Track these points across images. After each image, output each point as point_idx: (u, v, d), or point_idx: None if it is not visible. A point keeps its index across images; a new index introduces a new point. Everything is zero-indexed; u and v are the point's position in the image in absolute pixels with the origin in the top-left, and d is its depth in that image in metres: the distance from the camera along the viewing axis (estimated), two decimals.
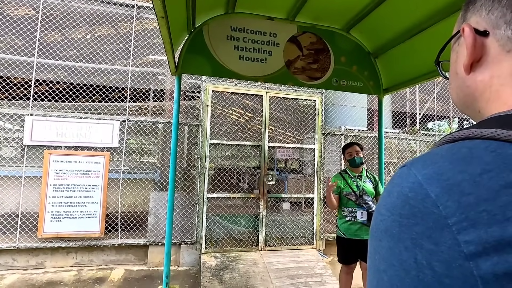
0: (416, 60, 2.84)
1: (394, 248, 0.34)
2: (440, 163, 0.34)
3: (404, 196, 0.34)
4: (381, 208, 0.37)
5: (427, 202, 0.32)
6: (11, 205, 3.93)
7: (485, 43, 0.41)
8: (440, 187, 0.32)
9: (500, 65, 0.39)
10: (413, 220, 0.33)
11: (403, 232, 0.33)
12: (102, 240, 3.98)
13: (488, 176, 0.31)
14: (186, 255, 4.21)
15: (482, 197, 0.30)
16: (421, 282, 0.31)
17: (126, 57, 4.50)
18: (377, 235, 0.37)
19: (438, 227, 0.31)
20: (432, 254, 0.31)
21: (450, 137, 0.39)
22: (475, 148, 0.34)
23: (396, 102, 6.72)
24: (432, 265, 0.30)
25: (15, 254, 3.80)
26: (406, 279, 0.32)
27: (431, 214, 0.31)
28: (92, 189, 3.96)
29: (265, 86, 4.61)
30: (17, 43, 4.83)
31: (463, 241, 0.29)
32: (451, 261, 0.30)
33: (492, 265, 0.28)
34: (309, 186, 4.97)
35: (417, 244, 0.32)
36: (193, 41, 2.85)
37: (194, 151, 4.50)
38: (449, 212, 0.31)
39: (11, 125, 6.46)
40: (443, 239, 0.30)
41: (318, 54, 3.17)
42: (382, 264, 0.35)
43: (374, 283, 0.36)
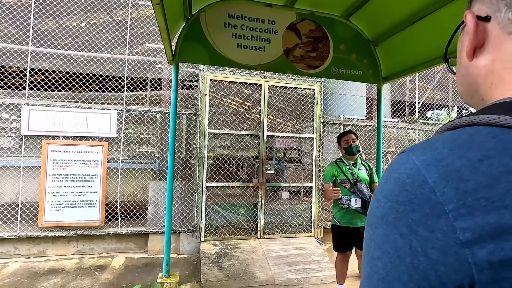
0: (416, 48, 2.81)
1: (390, 235, 0.33)
2: (439, 149, 0.34)
3: (402, 183, 0.34)
4: (378, 194, 0.37)
5: (424, 189, 0.32)
6: (11, 194, 3.95)
7: (487, 28, 0.41)
8: (438, 173, 0.32)
9: (502, 48, 0.39)
10: (410, 207, 0.32)
11: (399, 219, 0.33)
12: (102, 229, 4.02)
13: (488, 162, 0.30)
14: (186, 243, 4.27)
15: (481, 184, 0.30)
16: (416, 270, 0.31)
17: (123, 45, 4.43)
18: (373, 222, 0.36)
19: (435, 214, 0.31)
20: (428, 241, 0.31)
21: (451, 124, 0.38)
22: (476, 134, 0.33)
23: (396, 91, 6.69)
24: (427, 252, 0.30)
25: (16, 243, 3.85)
26: (401, 266, 0.32)
27: (428, 201, 0.31)
28: (91, 178, 3.97)
29: (263, 75, 4.57)
30: (11, 31, 4.73)
31: (460, 228, 0.29)
32: (446, 248, 0.30)
33: (488, 253, 0.28)
34: (308, 175, 5.00)
35: (413, 231, 0.31)
36: (190, 29, 2.80)
37: (192, 140, 4.50)
38: (447, 199, 0.30)
39: (7, 114, 6.40)
40: (439, 226, 0.30)
41: (317, 42, 3.13)
42: (377, 251, 0.35)
43: (368, 270, 0.36)
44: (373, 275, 0.35)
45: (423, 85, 7.27)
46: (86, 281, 3.31)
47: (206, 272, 3.47)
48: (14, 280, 3.27)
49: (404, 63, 3.05)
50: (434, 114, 9.85)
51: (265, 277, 3.42)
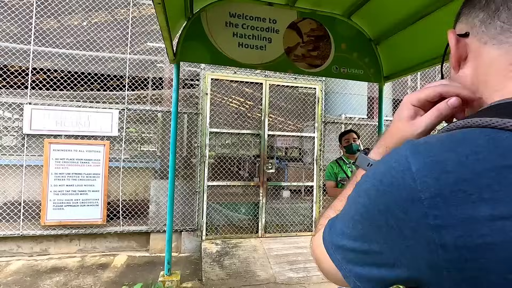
0: (418, 47, 2.80)
1: (369, 207, 0.39)
2: (432, 143, 0.37)
3: (389, 166, 0.38)
4: (369, 171, 0.42)
5: (406, 175, 0.35)
6: (14, 193, 3.97)
7: (467, 43, 0.47)
8: (423, 163, 0.35)
9: (480, 57, 0.45)
10: (389, 189, 0.36)
11: (379, 197, 0.37)
12: (104, 227, 4.04)
13: (475, 157, 0.33)
14: (187, 242, 4.29)
15: (462, 177, 0.32)
16: (390, 239, 0.36)
17: (124, 44, 4.44)
18: (358, 190, 0.42)
19: (410, 199, 0.34)
20: (402, 220, 0.35)
21: (448, 127, 0.42)
22: (470, 133, 0.36)
23: (397, 90, 6.67)
24: (401, 228, 0.35)
25: (19, 241, 3.87)
26: (378, 233, 0.38)
27: (407, 187, 0.35)
28: (93, 177, 3.99)
29: (265, 74, 4.57)
30: (13, 31, 4.75)
31: (432, 215, 0.33)
32: (417, 229, 0.34)
33: (455, 238, 0.32)
34: (309, 174, 5.00)
35: (389, 210, 0.36)
36: (191, 28, 2.80)
37: (194, 139, 4.51)
38: (424, 187, 0.33)
39: (10, 114, 6.43)
40: (412, 210, 0.34)
41: (318, 41, 3.12)
42: (357, 215, 0.41)
43: (347, 227, 0.43)
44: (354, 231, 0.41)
45: (425, 84, 7.24)
46: (88, 280, 3.33)
47: (207, 271, 3.48)
48: (17, 278, 3.29)
49: (406, 62, 3.04)
50: None
51: (266, 276, 3.43)
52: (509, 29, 0.42)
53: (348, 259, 0.43)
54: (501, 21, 0.42)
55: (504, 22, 0.42)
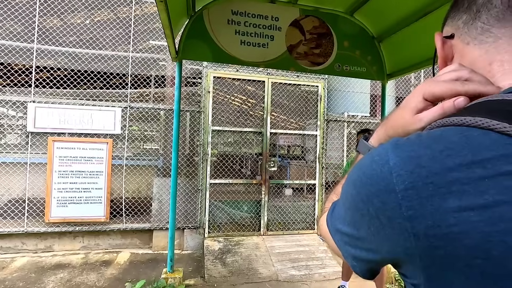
0: (422, 44, 2.78)
1: (355, 196, 0.43)
2: (413, 139, 0.39)
3: (372, 159, 0.41)
4: (358, 163, 0.45)
5: (384, 168, 0.38)
6: (18, 190, 4.01)
7: (452, 44, 0.50)
8: (400, 157, 0.37)
9: (464, 56, 0.48)
10: (370, 181, 0.40)
11: (362, 187, 0.41)
12: (107, 224, 4.07)
13: (447, 153, 0.35)
14: (190, 239, 4.31)
15: (433, 171, 0.35)
16: (372, 226, 0.40)
17: (126, 42, 4.45)
18: (348, 181, 0.46)
19: (387, 191, 0.37)
20: (379, 209, 0.38)
21: (430, 126, 0.44)
22: (446, 131, 0.39)
23: (400, 88, 6.63)
24: (379, 217, 0.39)
25: (24, 238, 3.92)
26: (363, 220, 0.41)
27: (384, 179, 0.38)
28: (96, 175, 4.01)
29: (267, 72, 4.56)
30: (16, 29, 4.77)
31: (405, 205, 0.35)
32: (392, 218, 0.37)
33: (425, 227, 0.34)
34: (311, 172, 4.99)
35: (370, 200, 0.39)
36: (193, 26, 2.80)
37: (196, 137, 4.52)
38: (399, 180, 0.36)
39: (14, 112, 6.49)
40: (388, 201, 0.37)
41: (321, 39, 3.11)
42: (346, 203, 0.46)
43: (343, 212, 0.47)
44: (346, 218, 0.46)
45: None
46: (92, 276, 3.37)
47: (209, 268, 3.50)
48: (22, 274, 3.33)
49: (409, 60, 3.02)
50: None
51: (268, 273, 3.44)
52: (488, 29, 0.44)
53: (344, 241, 0.47)
54: (482, 22, 0.45)
55: (484, 23, 0.45)
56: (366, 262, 0.45)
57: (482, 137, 0.35)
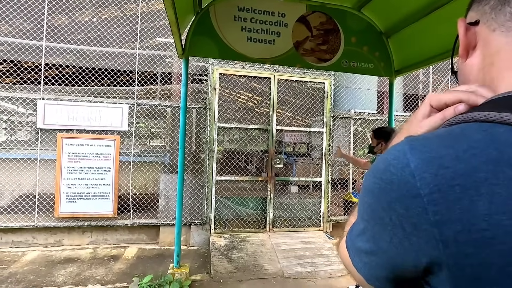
0: (431, 40, 2.73)
1: (374, 205, 0.40)
2: (431, 139, 0.37)
3: (388, 163, 0.38)
4: (370, 169, 0.43)
5: (405, 171, 0.35)
6: (28, 186, 4.09)
7: (477, 31, 0.46)
8: (421, 159, 0.35)
9: (489, 45, 0.45)
10: (390, 186, 0.37)
11: (381, 194, 0.38)
12: (115, 220, 4.13)
13: (472, 152, 0.33)
14: (196, 235, 4.34)
15: (459, 172, 0.32)
16: (395, 236, 0.37)
17: (133, 39, 4.47)
18: (363, 190, 0.43)
19: (410, 196, 0.35)
20: (403, 216, 0.35)
21: (447, 122, 0.42)
22: (467, 128, 0.36)
23: (408, 85, 6.54)
24: (403, 225, 0.36)
25: (34, 233, 4.00)
26: (385, 231, 0.38)
27: (407, 183, 0.35)
28: (104, 171, 4.07)
29: (273, 69, 4.54)
30: (26, 27, 4.84)
31: (432, 210, 0.33)
32: (418, 224, 0.34)
33: (454, 233, 0.32)
34: (317, 169, 4.98)
35: (392, 207, 0.36)
36: (199, 23, 2.80)
37: (202, 134, 4.53)
38: (424, 183, 0.34)
39: (24, 109, 6.60)
40: (413, 206, 0.34)
41: (327, 35, 3.08)
42: (366, 214, 0.42)
43: (361, 227, 0.44)
44: (366, 232, 0.43)
45: (438, 78, 7.07)
46: (100, 270, 3.43)
47: (216, 264, 3.53)
48: (32, 268, 3.41)
49: (418, 56, 2.97)
50: None
51: (274, 270, 3.45)
52: None
53: (365, 262, 0.43)
54: (511, 7, 0.42)
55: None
56: (392, 280, 0.41)
57: (509, 134, 0.33)
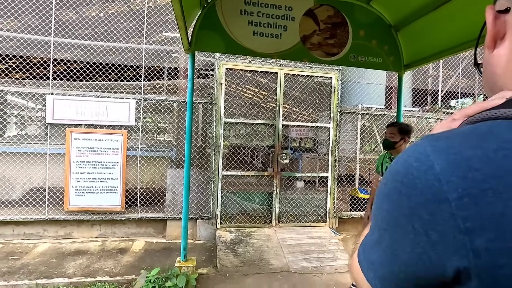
0: (441, 33, 2.67)
1: (393, 212, 0.36)
2: (455, 138, 0.34)
3: (409, 165, 0.35)
4: (388, 173, 0.39)
5: (429, 175, 0.32)
6: (39, 180, 4.17)
7: (507, 20, 0.43)
8: (447, 161, 0.32)
9: None
10: (413, 191, 0.34)
11: (402, 199, 0.35)
12: (123, 214, 4.19)
13: (504, 153, 0.30)
14: (202, 230, 4.39)
15: (490, 174, 0.30)
16: (418, 246, 0.33)
17: (140, 34, 4.48)
18: (380, 196, 0.39)
19: (436, 201, 0.31)
20: (428, 224, 0.32)
21: (472, 119, 0.39)
22: (496, 126, 0.33)
23: (417, 79, 6.42)
24: (428, 233, 0.32)
25: (45, 225, 4.09)
26: (405, 240, 0.35)
27: (431, 187, 0.32)
28: (112, 165, 4.12)
29: (280, 63, 4.51)
30: (34, 22, 4.88)
31: (461, 216, 0.30)
32: (446, 232, 0.31)
33: (487, 241, 0.29)
34: (324, 165, 4.95)
35: (415, 213, 0.33)
36: (206, 17, 2.78)
37: (208, 129, 4.54)
38: (451, 187, 0.31)
39: (33, 104, 6.70)
40: (440, 213, 0.31)
41: (335, 28, 3.03)
42: (383, 223, 0.39)
43: (376, 237, 0.40)
44: (382, 242, 0.39)
45: (448, 72, 6.93)
46: (109, 263, 3.49)
47: (222, 258, 3.56)
48: (44, 259, 3.49)
49: (428, 49, 2.91)
50: (458, 103, 9.43)
51: (279, 265, 3.47)
52: None
53: (380, 276, 0.39)
54: None
55: None
56: None
57: None
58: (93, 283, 3.06)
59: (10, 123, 7.31)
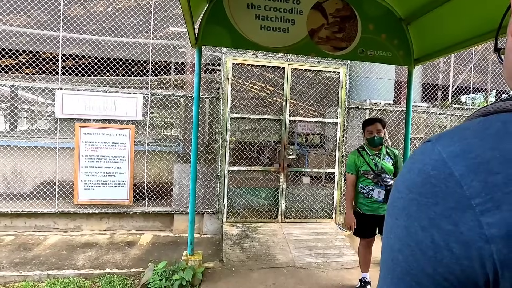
0: (454, 27, 2.59)
1: (410, 227, 0.33)
2: (469, 139, 0.32)
3: (425, 174, 0.33)
4: (400, 185, 0.36)
5: (450, 182, 0.30)
6: (49, 173, 4.25)
7: None
8: (466, 166, 0.30)
9: None
10: (433, 200, 0.31)
11: (421, 211, 0.32)
12: (131, 207, 4.25)
13: None
14: (209, 224, 4.42)
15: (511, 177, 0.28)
16: (440, 263, 0.30)
17: (147, 29, 4.48)
18: (393, 213, 0.35)
19: (460, 208, 0.29)
20: (450, 235, 0.29)
21: (484, 110, 0.36)
22: (510, 122, 0.31)
23: (428, 74, 6.29)
24: (450, 246, 0.29)
25: (55, 218, 4.18)
26: (423, 259, 0.31)
27: (453, 194, 0.30)
28: (119, 160, 4.17)
29: (287, 58, 4.46)
30: (43, 18, 4.92)
31: (486, 223, 0.28)
32: (470, 243, 0.28)
33: None
34: (330, 161, 4.92)
35: (435, 224, 0.30)
36: (212, 11, 2.76)
37: (215, 124, 4.55)
38: (473, 193, 0.29)
39: (43, 99, 6.79)
40: (464, 220, 0.29)
41: (344, 22, 2.98)
42: (397, 243, 0.34)
43: (389, 263, 0.35)
44: (396, 268, 0.34)
45: (459, 67, 6.77)
46: (117, 255, 3.55)
47: (228, 252, 3.59)
48: (54, 251, 3.57)
49: (439, 43, 2.84)
50: (469, 99, 9.22)
51: (285, 260, 3.48)
52: None
53: None
54: None
55: None
56: None
57: None
58: (102, 275, 3.12)
59: (21, 117, 7.45)
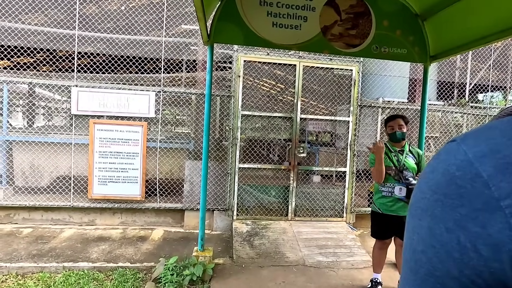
0: (472, 22, 2.51)
1: (435, 228, 0.32)
2: (496, 139, 0.31)
3: (451, 175, 0.32)
4: (423, 185, 0.35)
5: (477, 182, 0.29)
6: (64, 168, 4.37)
7: None
8: (494, 167, 0.29)
9: None
10: (459, 201, 0.30)
11: (446, 212, 0.31)
12: (143, 203, 4.32)
13: None
14: (219, 221, 4.45)
15: None
16: (467, 265, 0.29)
17: (159, 27, 4.52)
18: (416, 213, 0.35)
19: (488, 210, 0.28)
20: (478, 237, 0.28)
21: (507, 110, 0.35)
22: None
23: (444, 71, 6.12)
24: (477, 248, 0.28)
25: (70, 212, 4.30)
26: (448, 261, 0.30)
27: (481, 195, 0.29)
28: (132, 156, 4.24)
29: (298, 55, 4.42)
30: (60, 16, 5.04)
31: None
32: (500, 245, 0.27)
33: None
34: (342, 159, 4.87)
35: (461, 226, 0.30)
36: (225, 8, 2.76)
37: (226, 122, 4.57)
38: (503, 194, 0.28)
39: (59, 96, 6.97)
40: (492, 222, 0.28)
41: (357, 19, 2.93)
42: (420, 245, 0.33)
43: (412, 264, 0.34)
44: (419, 269, 0.33)
45: (477, 64, 6.55)
46: (129, 250, 3.63)
47: (238, 249, 3.61)
48: (70, 244, 3.68)
49: (456, 40, 2.75)
50: (486, 97, 8.93)
51: (295, 258, 3.47)
52: None
53: None
54: None
55: None
56: None
57: None
58: (115, 268, 3.19)
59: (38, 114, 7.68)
